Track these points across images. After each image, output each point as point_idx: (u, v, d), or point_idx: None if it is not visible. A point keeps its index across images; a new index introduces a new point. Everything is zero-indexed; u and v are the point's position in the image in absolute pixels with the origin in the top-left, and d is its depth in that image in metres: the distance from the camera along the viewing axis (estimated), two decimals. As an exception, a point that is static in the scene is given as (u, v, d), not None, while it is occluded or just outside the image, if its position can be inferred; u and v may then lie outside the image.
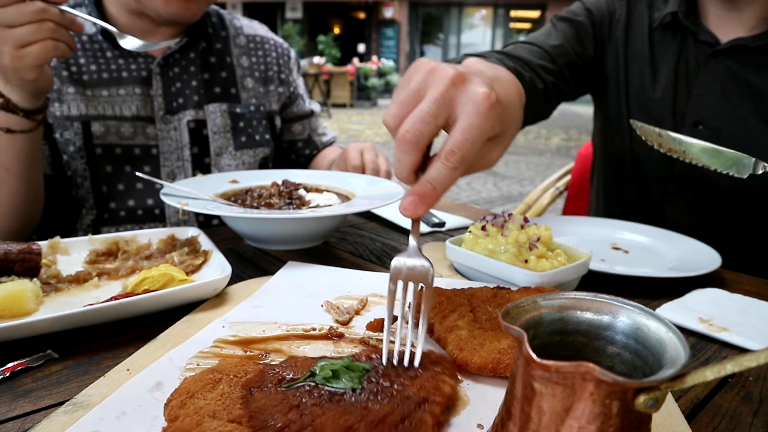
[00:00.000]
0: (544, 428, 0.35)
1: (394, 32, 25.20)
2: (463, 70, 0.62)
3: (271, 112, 1.52)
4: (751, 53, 1.17)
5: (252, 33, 1.54)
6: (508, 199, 6.03)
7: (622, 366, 0.41)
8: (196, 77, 1.39)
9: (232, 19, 1.54)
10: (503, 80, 0.69)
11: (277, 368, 0.53)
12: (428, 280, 0.58)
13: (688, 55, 1.24)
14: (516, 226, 0.87)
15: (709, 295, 0.83)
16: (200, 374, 0.52)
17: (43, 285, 0.76)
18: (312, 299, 0.77)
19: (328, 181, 1.23)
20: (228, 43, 1.48)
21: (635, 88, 1.33)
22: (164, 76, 1.34)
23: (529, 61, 1.21)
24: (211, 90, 1.41)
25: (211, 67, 1.42)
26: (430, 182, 0.59)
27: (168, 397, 0.49)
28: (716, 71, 1.20)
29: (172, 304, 0.72)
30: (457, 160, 0.59)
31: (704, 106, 1.22)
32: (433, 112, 0.60)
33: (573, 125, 12.99)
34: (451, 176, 0.60)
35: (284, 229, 1.00)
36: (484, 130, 0.60)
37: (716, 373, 0.33)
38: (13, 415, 0.51)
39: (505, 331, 0.40)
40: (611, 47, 1.35)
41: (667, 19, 1.25)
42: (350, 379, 0.50)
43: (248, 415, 0.45)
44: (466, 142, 0.59)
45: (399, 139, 0.60)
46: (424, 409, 0.47)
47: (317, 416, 0.45)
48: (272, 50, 1.56)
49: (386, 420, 0.45)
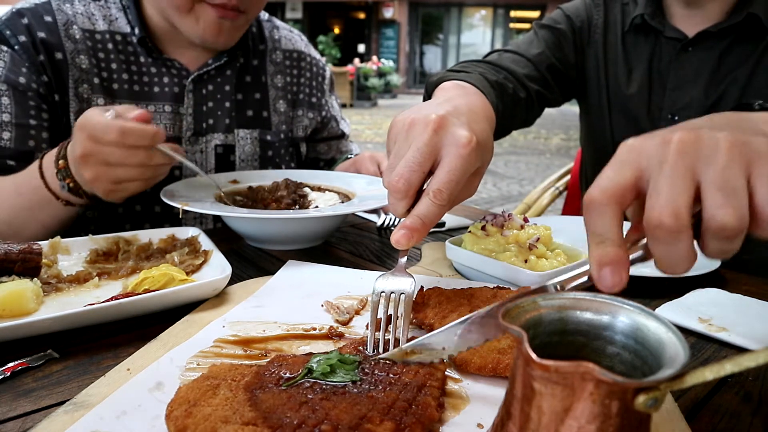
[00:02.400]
0: (544, 428, 0.36)
1: (394, 32, 25.20)
2: (443, 114, 0.68)
3: (297, 138, 1.46)
4: (717, 39, 1.23)
5: (290, 48, 1.45)
6: (508, 199, 6.03)
7: (621, 366, 0.41)
8: (230, 97, 1.32)
9: (272, 28, 1.45)
10: (477, 113, 0.77)
11: (272, 368, 0.53)
12: (408, 290, 0.65)
13: (660, 53, 1.31)
14: (516, 226, 0.87)
15: (708, 295, 0.83)
16: (195, 382, 0.51)
17: (44, 285, 0.76)
18: (312, 299, 0.77)
19: (329, 181, 1.23)
20: (264, 60, 1.40)
21: (614, 87, 1.39)
22: (197, 94, 1.27)
23: (513, 71, 1.26)
24: (243, 113, 1.34)
25: (245, 87, 1.35)
26: (419, 217, 0.64)
27: (167, 408, 0.48)
28: (687, 64, 1.27)
29: (172, 304, 0.72)
30: (444, 198, 0.64)
31: (679, 98, 1.28)
32: (419, 161, 0.66)
33: (573, 125, 12.98)
34: (438, 212, 0.65)
35: (284, 229, 1.00)
36: (467, 170, 0.66)
37: (716, 373, 0.33)
38: (14, 415, 0.51)
39: (505, 331, 0.40)
40: (591, 51, 1.41)
41: (637, 21, 1.32)
42: (347, 372, 0.52)
43: (262, 416, 0.45)
44: (451, 182, 0.65)
45: (390, 188, 0.66)
46: (425, 393, 0.50)
47: (329, 410, 0.46)
48: (307, 69, 1.47)
49: (395, 405, 0.47)
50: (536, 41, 1.38)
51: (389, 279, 0.67)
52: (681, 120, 1.26)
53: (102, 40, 1.19)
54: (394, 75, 19.32)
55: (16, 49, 1.10)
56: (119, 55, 1.20)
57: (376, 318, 0.63)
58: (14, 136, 1.09)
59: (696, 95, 1.26)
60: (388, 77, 19.01)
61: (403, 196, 0.66)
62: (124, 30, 1.21)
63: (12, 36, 1.11)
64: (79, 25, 1.17)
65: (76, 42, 1.16)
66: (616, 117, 1.39)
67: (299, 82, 1.45)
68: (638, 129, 1.33)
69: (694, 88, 1.26)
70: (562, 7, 1.45)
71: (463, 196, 0.72)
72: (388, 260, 0.99)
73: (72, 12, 1.17)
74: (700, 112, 1.24)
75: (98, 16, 1.20)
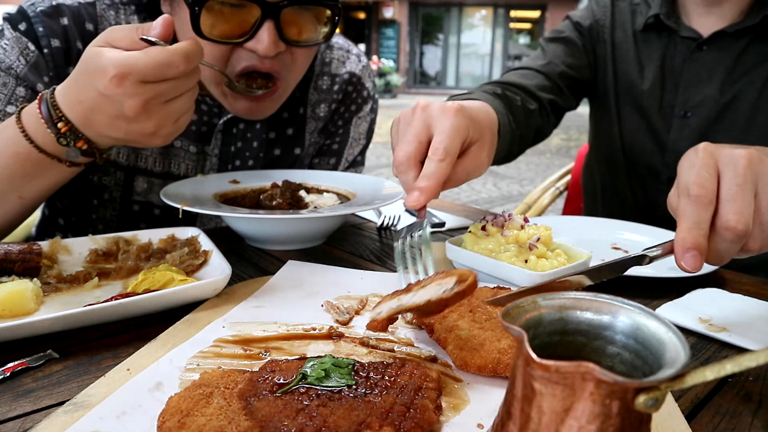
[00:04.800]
0: (544, 428, 0.35)
1: (394, 32, 25.20)
2: (427, 101, 0.78)
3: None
4: (733, 39, 1.25)
5: (341, 71, 1.28)
6: (508, 199, 6.03)
7: (622, 366, 0.41)
8: (260, 137, 1.20)
9: (325, 49, 1.27)
10: (471, 105, 0.84)
11: (265, 374, 0.52)
12: (426, 234, 0.73)
13: (673, 52, 1.33)
14: (516, 226, 0.87)
15: (708, 295, 0.83)
16: (187, 391, 0.50)
17: (44, 285, 0.76)
18: (312, 299, 0.77)
19: (329, 181, 1.23)
20: (307, 89, 1.24)
21: (625, 84, 1.41)
22: (226, 133, 1.16)
23: (520, 84, 1.29)
24: (271, 152, 1.22)
25: (280, 123, 1.22)
26: (425, 176, 0.72)
27: (159, 419, 0.46)
28: (701, 62, 1.28)
29: (172, 304, 0.72)
30: (442, 153, 0.72)
31: (691, 96, 1.29)
32: (412, 133, 0.74)
33: (573, 125, 12.98)
34: (439, 168, 0.72)
35: (284, 229, 1.00)
36: (457, 127, 0.74)
37: (716, 373, 0.33)
38: (14, 415, 0.51)
39: (505, 331, 0.40)
40: (600, 49, 1.45)
41: (650, 20, 1.34)
42: (342, 376, 0.51)
43: (258, 425, 0.44)
44: (445, 138, 0.73)
45: (395, 164, 0.75)
46: (422, 395, 0.49)
47: (327, 416, 0.45)
48: (352, 103, 1.29)
49: (394, 410, 0.47)
50: (543, 54, 1.42)
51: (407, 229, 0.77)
52: (694, 117, 1.28)
53: None
54: (394, 75, 19.32)
55: (45, 53, 1.00)
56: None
57: (402, 259, 0.74)
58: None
59: (710, 93, 1.27)
60: (388, 77, 19.01)
61: (406, 167, 0.74)
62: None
63: (45, 37, 0.99)
64: None
65: None
66: (626, 113, 1.41)
67: (341, 114, 1.29)
68: (650, 125, 1.35)
69: (708, 87, 1.27)
70: (569, 15, 1.49)
71: (471, 169, 0.79)
72: (388, 260, 0.99)
73: (115, 23, 1.07)
74: (714, 111, 1.26)
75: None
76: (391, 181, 1.20)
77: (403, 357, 0.62)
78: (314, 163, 1.34)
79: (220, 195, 1.10)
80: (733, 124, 1.25)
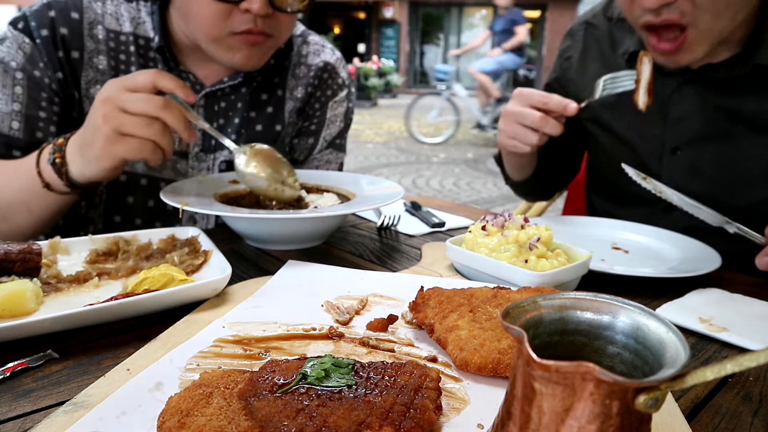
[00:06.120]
0: (544, 428, 0.35)
1: (394, 32, 25.19)
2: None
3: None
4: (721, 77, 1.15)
5: (316, 62, 1.37)
6: (508, 199, 6.03)
7: (622, 366, 0.41)
8: (241, 115, 1.27)
9: (302, 43, 1.38)
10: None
11: (265, 374, 0.52)
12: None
13: (661, 85, 1.22)
14: (516, 226, 0.87)
15: (709, 295, 0.83)
16: (186, 391, 0.50)
17: (44, 285, 0.76)
18: (312, 299, 0.77)
19: (328, 181, 1.23)
20: (285, 76, 1.34)
21: (607, 119, 1.34)
22: (208, 110, 1.24)
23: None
24: (252, 128, 1.29)
25: (259, 104, 1.30)
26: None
27: (159, 419, 0.46)
28: (689, 98, 1.20)
29: (172, 304, 0.72)
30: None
31: (680, 132, 1.22)
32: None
33: (573, 125, 12.97)
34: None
35: (284, 229, 1.00)
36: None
37: (716, 373, 0.33)
38: (14, 415, 0.51)
39: (505, 331, 0.40)
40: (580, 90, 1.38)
41: (627, 56, 1.26)
42: (342, 376, 0.51)
43: (259, 425, 0.44)
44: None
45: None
46: (422, 395, 0.49)
47: (327, 416, 0.45)
48: (328, 86, 1.39)
49: (394, 410, 0.46)
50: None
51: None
52: (684, 153, 1.21)
53: (126, 41, 1.18)
54: (394, 75, 19.30)
55: (38, 42, 1.11)
56: (139, 59, 1.19)
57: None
58: (23, 126, 1.10)
59: (698, 129, 1.20)
60: (389, 77, 18.98)
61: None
62: (148, 35, 1.20)
63: (36, 29, 1.11)
64: (105, 25, 1.16)
65: (98, 42, 1.15)
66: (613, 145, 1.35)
67: (317, 98, 1.38)
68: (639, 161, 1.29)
69: (697, 123, 1.20)
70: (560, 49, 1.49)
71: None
72: (388, 260, 0.99)
73: (101, 11, 1.17)
74: (701, 145, 1.20)
75: (126, 18, 1.18)
76: (391, 181, 1.20)
77: (403, 357, 0.62)
78: (294, 143, 1.42)
79: (220, 195, 1.10)
80: (724, 160, 1.18)
